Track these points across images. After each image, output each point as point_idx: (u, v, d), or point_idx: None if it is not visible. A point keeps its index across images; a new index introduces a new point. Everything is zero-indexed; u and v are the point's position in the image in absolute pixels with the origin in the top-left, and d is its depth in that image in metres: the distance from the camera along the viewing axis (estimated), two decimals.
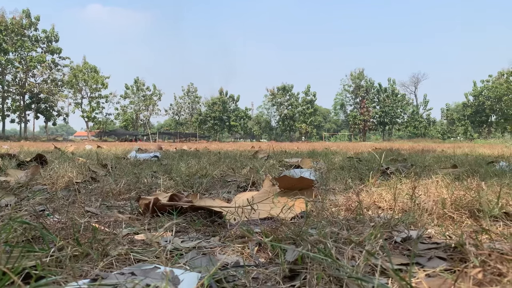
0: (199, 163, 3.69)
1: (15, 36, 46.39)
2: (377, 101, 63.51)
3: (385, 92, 63.23)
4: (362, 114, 62.46)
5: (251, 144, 22.59)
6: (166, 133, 62.45)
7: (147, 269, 0.85)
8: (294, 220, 1.42)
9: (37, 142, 28.39)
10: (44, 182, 2.48)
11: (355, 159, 4.75)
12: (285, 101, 64.43)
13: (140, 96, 60.86)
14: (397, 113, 62.76)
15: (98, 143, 17.00)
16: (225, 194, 2.18)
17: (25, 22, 47.33)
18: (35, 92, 49.23)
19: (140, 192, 2.23)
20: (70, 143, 20.82)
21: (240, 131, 66.58)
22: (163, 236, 1.24)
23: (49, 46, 49.55)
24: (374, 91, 63.66)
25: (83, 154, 5.66)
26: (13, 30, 46.18)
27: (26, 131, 51.16)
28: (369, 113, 62.49)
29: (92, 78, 53.18)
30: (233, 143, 29.51)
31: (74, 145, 11.89)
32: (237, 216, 1.43)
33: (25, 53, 47.93)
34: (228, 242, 1.16)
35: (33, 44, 48.45)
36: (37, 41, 48.93)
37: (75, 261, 0.98)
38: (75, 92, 53.33)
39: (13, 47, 46.17)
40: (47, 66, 49.30)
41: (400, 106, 62.75)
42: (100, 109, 55.71)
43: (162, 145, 15.41)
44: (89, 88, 53.69)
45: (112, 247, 1.09)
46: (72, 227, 1.24)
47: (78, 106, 54.10)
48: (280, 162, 4.26)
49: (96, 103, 54.88)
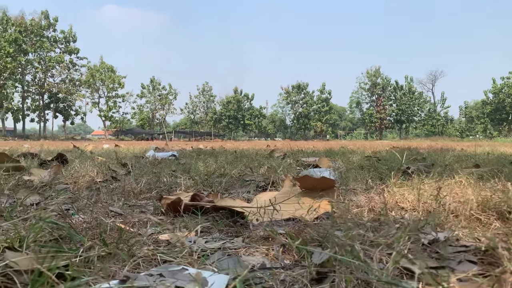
0: (216, 162, 3.70)
1: (35, 37, 47.36)
2: (394, 99, 62.75)
3: (402, 89, 62.43)
4: (379, 112, 61.79)
5: (266, 142, 22.59)
6: (181, 132, 62.99)
7: (175, 271, 0.85)
8: (317, 221, 1.41)
9: (56, 141, 28.94)
10: (66, 181, 2.52)
11: (373, 158, 4.70)
12: (300, 99, 64.18)
13: (156, 95, 61.45)
14: (414, 111, 61.92)
15: (115, 142, 17.23)
16: (245, 194, 2.17)
17: (44, 23, 48.29)
18: (54, 92, 50.19)
19: (160, 192, 2.24)
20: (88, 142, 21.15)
21: (255, 130, 66.65)
22: (187, 236, 1.25)
23: (67, 46, 50.44)
24: (390, 89, 62.92)
25: (102, 153, 5.74)
26: (33, 31, 47.15)
27: (45, 130, 52.18)
28: (386, 111, 61.78)
29: (109, 78, 53.93)
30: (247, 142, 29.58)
31: (92, 144, 12.07)
32: (260, 216, 1.42)
33: (44, 54, 48.93)
34: (252, 243, 1.16)
35: (51, 44, 49.41)
36: (56, 42, 49.87)
37: (102, 261, 0.98)
38: (93, 91, 54.18)
39: (32, 48, 47.14)
40: (65, 66, 50.21)
41: (417, 104, 61.90)
42: (117, 108, 56.50)
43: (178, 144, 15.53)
44: (106, 87, 54.46)
45: (138, 248, 1.09)
46: (97, 227, 1.26)
47: (96, 106, 54.96)
48: (297, 161, 4.24)
49: (113, 102, 55.66)
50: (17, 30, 45.70)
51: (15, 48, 44.72)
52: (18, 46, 45.26)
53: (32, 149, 6.94)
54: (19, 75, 47.48)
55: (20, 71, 47.34)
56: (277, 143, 16.45)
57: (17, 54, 45.22)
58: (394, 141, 33.07)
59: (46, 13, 48.66)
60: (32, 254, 0.90)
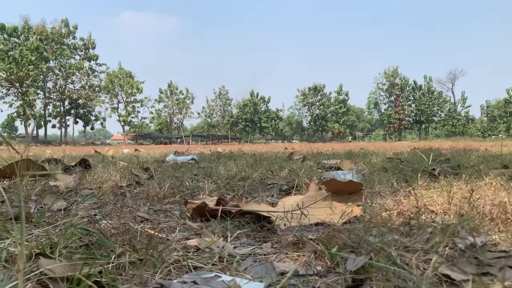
0: (237, 165, 3.69)
1: (55, 44, 48.49)
2: (413, 99, 61.85)
3: (421, 89, 61.48)
4: (397, 112, 60.99)
5: (283, 145, 22.51)
6: (199, 135, 63.43)
7: (208, 278, 0.83)
8: (347, 226, 1.38)
9: (76, 146, 29.49)
10: (90, 187, 2.54)
11: (395, 160, 4.62)
12: (317, 101, 63.88)
13: (174, 99, 62.11)
14: (434, 111, 60.88)
15: (135, 147, 17.45)
16: (268, 198, 2.15)
17: (64, 31, 49.40)
18: (74, 98, 51.24)
19: (184, 196, 2.24)
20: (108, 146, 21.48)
21: (272, 132, 66.61)
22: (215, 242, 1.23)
23: (87, 53, 51.48)
24: (409, 89, 62.05)
25: (123, 158, 5.80)
26: (53, 39, 48.30)
27: (66, 135, 53.27)
28: (404, 111, 60.94)
29: (128, 83, 54.79)
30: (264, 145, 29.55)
31: (113, 149, 12.24)
32: (287, 221, 1.40)
33: (64, 61, 50.04)
34: (282, 249, 1.14)
35: (71, 51, 50.50)
36: (75, 49, 50.95)
37: (134, 268, 0.98)
38: (112, 97, 55.12)
39: (53, 55, 48.27)
40: (85, 73, 51.22)
41: (437, 104, 60.84)
42: (136, 113, 57.33)
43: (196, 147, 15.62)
44: (125, 93, 55.33)
45: (167, 253, 1.09)
46: (126, 232, 1.26)
47: (115, 111, 55.88)
48: (318, 164, 4.19)
49: (132, 107, 56.49)
50: (38, 38, 46.88)
51: (36, 56, 45.87)
52: (40, 54, 46.41)
53: (55, 154, 7.07)
54: (40, 82, 48.65)
55: (41, 78, 48.50)
56: (294, 146, 16.38)
57: (38, 62, 46.37)
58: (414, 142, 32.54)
59: (66, 21, 49.79)
60: (65, 261, 0.90)
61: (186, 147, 15.02)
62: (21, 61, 44.66)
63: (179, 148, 14.29)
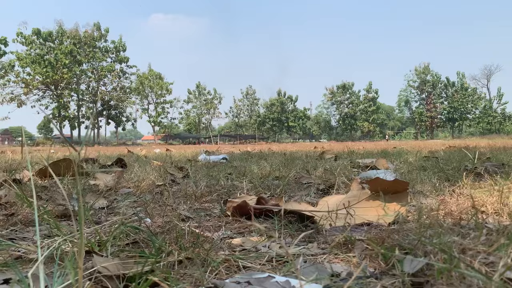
0: (270, 164, 3.67)
1: (88, 48, 49.98)
2: (445, 97, 60.06)
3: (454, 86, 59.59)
4: (429, 110, 59.36)
5: (312, 144, 22.32)
6: (226, 135, 63.89)
7: (261, 278, 0.81)
8: (394, 227, 1.33)
9: (109, 146, 30.28)
10: (128, 185, 2.58)
11: (432, 159, 4.47)
12: (345, 99, 63.05)
13: (202, 100, 62.79)
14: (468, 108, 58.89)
15: (165, 146, 17.74)
16: (307, 197, 2.12)
17: (96, 35, 50.83)
18: (106, 100, 52.65)
19: (220, 194, 2.24)
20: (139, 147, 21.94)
21: (299, 132, 66.25)
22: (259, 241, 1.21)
23: (118, 55, 52.78)
24: (441, 86, 60.27)
25: (156, 157, 5.89)
26: (86, 42, 49.80)
27: (99, 136, 54.83)
28: (437, 109, 59.24)
29: (157, 85, 55.85)
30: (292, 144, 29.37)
31: (144, 149, 12.48)
32: (332, 221, 1.36)
33: (96, 63, 51.51)
34: (331, 249, 1.10)
35: (103, 54, 51.91)
36: (107, 52, 52.33)
37: (183, 266, 0.97)
38: (142, 98, 56.33)
39: (86, 58, 49.78)
40: (116, 75, 52.55)
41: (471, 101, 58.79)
42: (165, 114, 58.35)
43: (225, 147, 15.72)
44: (155, 94, 56.44)
45: (214, 253, 1.07)
46: (170, 231, 1.26)
47: (145, 112, 57.05)
48: (351, 163, 4.12)
49: (161, 108, 57.55)
50: (72, 42, 48.46)
51: (70, 59, 47.45)
52: (73, 57, 47.98)
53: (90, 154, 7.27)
54: (74, 84, 50.26)
55: (75, 81, 50.11)
56: (323, 145, 16.21)
57: (72, 65, 47.94)
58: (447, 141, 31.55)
59: (98, 25, 51.22)
60: (116, 258, 0.90)
61: (215, 147, 15.14)
62: (56, 65, 46.32)
63: (208, 147, 14.42)
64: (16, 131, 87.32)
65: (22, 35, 46.34)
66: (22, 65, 45.62)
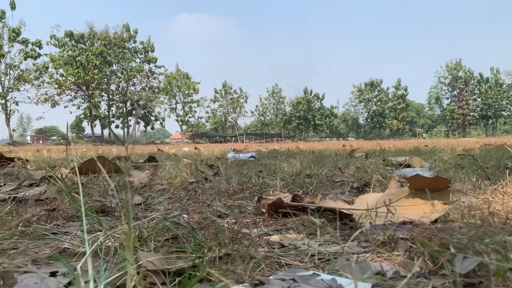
0: (301, 162, 3.64)
1: (117, 49, 51.20)
2: (478, 93, 58.10)
3: (487, 82, 57.49)
4: (461, 107, 57.56)
5: (340, 142, 22.07)
6: (252, 134, 64.09)
7: (306, 276, 0.79)
8: (437, 225, 1.28)
9: (138, 145, 30.92)
10: (161, 182, 2.61)
11: (468, 157, 4.32)
12: (374, 97, 61.99)
13: (228, 99, 63.18)
14: (503, 105, 56.72)
15: (193, 145, 17.96)
16: (342, 195, 2.08)
17: (126, 36, 51.99)
18: (135, 99, 53.79)
19: (252, 192, 2.23)
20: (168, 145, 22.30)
21: (326, 130, 65.63)
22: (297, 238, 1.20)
23: (146, 56, 53.83)
24: (474, 82, 58.30)
25: (186, 155, 5.96)
26: (116, 43, 51.03)
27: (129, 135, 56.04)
28: (469, 106, 57.36)
29: (185, 84, 56.62)
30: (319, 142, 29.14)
31: (173, 147, 12.66)
32: (371, 219, 1.33)
33: (126, 64, 52.69)
34: (375, 247, 1.07)
35: (132, 55, 53.06)
36: (136, 52, 53.46)
37: (224, 262, 0.97)
38: (170, 98, 57.25)
39: (115, 59, 51.02)
40: (145, 75, 53.61)
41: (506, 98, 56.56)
42: (193, 113, 59.08)
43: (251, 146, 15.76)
44: (182, 93, 57.23)
45: (254, 249, 1.06)
46: (208, 227, 1.26)
47: (173, 111, 57.96)
48: (384, 161, 4.03)
49: (189, 107, 58.31)
50: (102, 43, 49.77)
51: (101, 60, 48.76)
52: (104, 58, 49.26)
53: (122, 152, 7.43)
54: (104, 85, 51.61)
55: (105, 81, 51.44)
56: (352, 143, 15.99)
57: (103, 66, 49.25)
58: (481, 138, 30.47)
59: (127, 26, 52.38)
60: (160, 253, 0.90)
61: (242, 145, 15.20)
62: (87, 66, 47.69)
63: (235, 146, 14.48)
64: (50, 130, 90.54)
65: (55, 38, 47.96)
66: (55, 67, 47.21)
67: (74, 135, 67.44)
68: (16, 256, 1.02)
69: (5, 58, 41.82)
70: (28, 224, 1.34)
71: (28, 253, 1.05)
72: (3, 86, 42.17)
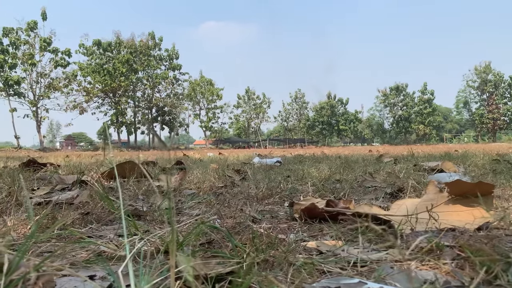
0: (329, 167, 3.58)
1: (143, 56, 52.24)
2: (509, 97, 56.15)
3: None
4: (491, 111, 55.81)
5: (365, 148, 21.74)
6: (275, 139, 63.99)
7: (351, 284, 0.76)
8: (482, 233, 1.22)
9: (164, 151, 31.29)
10: (190, 187, 2.61)
11: (503, 162, 4.16)
12: (399, 101, 60.90)
13: (251, 105, 63.37)
14: None
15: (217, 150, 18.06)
16: (377, 201, 2.02)
17: (151, 44, 53.01)
18: (160, 106, 54.68)
19: (282, 197, 2.20)
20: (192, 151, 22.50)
21: (350, 135, 64.84)
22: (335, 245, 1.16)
23: (171, 63, 54.69)
24: (504, 86, 56.45)
25: (211, 161, 5.98)
26: (141, 51, 52.09)
27: (154, 141, 57.00)
28: (499, 110, 55.53)
29: (208, 91, 57.18)
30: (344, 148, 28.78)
31: (198, 153, 12.76)
32: (412, 225, 1.28)
33: (151, 71, 53.68)
34: (420, 255, 1.02)
35: (157, 62, 54.02)
36: (161, 60, 54.40)
37: (261, 268, 0.94)
38: (194, 104, 57.90)
39: (141, 67, 52.04)
40: (170, 82, 54.45)
41: None
42: (216, 119, 59.54)
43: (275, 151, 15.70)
44: (206, 100, 57.81)
45: (292, 255, 1.03)
46: (243, 231, 1.23)
47: (197, 117, 58.56)
48: (415, 166, 3.92)
49: (212, 113, 58.81)
50: (128, 51, 50.90)
51: (127, 68, 49.84)
52: (130, 66, 50.34)
53: (148, 158, 7.52)
54: (131, 92, 52.69)
55: (131, 88, 52.52)
56: (378, 148, 15.72)
57: (129, 73, 50.34)
58: None
59: (153, 34, 53.42)
60: (198, 258, 0.88)
61: (266, 151, 15.17)
62: (114, 73, 48.84)
63: (259, 151, 14.47)
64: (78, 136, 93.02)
65: (84, 46, 49.39)
66: (83, 75, 48.54)
67: (101, 141, 69.02)
68: (54, 259, 1.02)
69: (37, 67, 43.29)
70: (64, 228, 1.35)
71: (65, 256, 1.05)
72: (34, 94, 43.61)
